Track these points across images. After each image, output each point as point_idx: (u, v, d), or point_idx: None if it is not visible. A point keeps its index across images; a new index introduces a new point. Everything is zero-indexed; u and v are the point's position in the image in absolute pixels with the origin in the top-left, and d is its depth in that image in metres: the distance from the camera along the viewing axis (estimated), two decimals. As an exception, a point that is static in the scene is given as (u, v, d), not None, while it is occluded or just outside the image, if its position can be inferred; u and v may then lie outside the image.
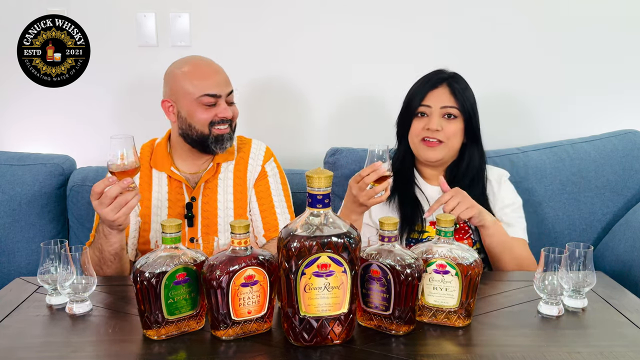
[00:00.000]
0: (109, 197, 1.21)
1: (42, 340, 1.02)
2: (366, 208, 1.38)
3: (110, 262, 1.34)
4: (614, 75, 2.06)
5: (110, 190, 1.21)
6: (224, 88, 1.49)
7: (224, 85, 1.50)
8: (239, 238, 0.98)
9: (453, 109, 1.44)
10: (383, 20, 1.99)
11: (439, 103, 1.45)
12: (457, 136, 1.46)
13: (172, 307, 0.99)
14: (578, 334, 1.04)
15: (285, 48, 2.01)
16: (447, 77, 1.48)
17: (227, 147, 1.52)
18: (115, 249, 1.33)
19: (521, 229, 1.52)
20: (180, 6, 1.96)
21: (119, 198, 1.21)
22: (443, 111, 1.45)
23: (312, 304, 0.95)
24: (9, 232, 1.77)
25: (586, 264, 1.12)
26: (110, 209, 1.22)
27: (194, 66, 1.50)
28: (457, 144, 1.48)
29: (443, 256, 1.04)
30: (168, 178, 1.54)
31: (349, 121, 2.07)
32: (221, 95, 1.48)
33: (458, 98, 1.44)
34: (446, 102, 1.44)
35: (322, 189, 0.92)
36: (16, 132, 2.04)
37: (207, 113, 1.47)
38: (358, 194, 1.33)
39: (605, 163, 1.87)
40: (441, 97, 1.45)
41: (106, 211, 1.22)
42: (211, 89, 1.46)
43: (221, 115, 1.47)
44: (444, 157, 1.49)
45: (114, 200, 1.21)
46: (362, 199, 1.33)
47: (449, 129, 1.44)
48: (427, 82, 1.49)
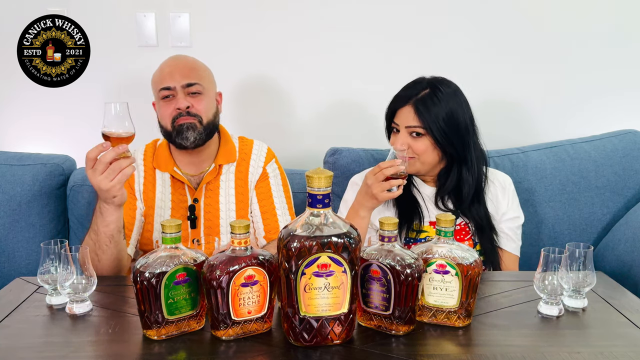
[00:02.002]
0: (103, 163, 1.18)
1: (42, 340, 1.02)
2: (377, 203, 1.38)
3: (106, 247, 1.30)
4: (614, 76, 2.06)
5: (105, 155, 1.18)
6: (179, 79, 1.46)
7: (180, 76, 1.46)
8: (239, 238, 0.98)
9: (417, 128, 1.44)
10: (383, 20, 1.99)
11: (405, 123, 1.45)
12: (427, 152, 1.45)
13: (172, 307, 0.99)
14: (578, 334, 1.04)
15: (285, 48, 2.01)
16: (414, 94, 1.45)
17: (191, 139, 1.46)
18: (111, 230, 1.29)
19: (519, 246, 1.55)
20: (180, 6, 1.96)
21: (114, 164, 1.18)
22: (408, 130, 1.45)
23: (312, 304, 0.95)
24: (9, 232, 1.77)
25: (586, 264, 1.11)
26: (104, 176, 1.19)
27: (160, 65, 1.52)
28: (431, 158, 1.47)
29: (443, 256, 1.04)
30: (171, 178, 1.54)
31: (349, 121, 2.07)
32: (174, 86, 1.46)
33: (422, 118, 1.42)
34: (410, 122, 1.44)
35: (322, 189, 0.92)
36: (16, 132, 2.04)
37: (167, 107, 1.47)
38: (373, 184, 1.34)
39: (605, 163, 1.87)
40: (407, 116, 1.45)
41: (100, 179, 1.19)
42: (164, 82, 1.47)
43: (177, 106, 1.45)
44: (420, 171, 1.50)
45: (108, 166, 1.18)
46: (376, 189, 1.34)
47: (416, 147, 1.45)
48: (396, 101, 1.49)
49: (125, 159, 1.19)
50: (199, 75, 1.49)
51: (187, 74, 1.47)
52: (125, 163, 1.19)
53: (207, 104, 1.49)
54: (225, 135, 1.60)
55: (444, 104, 1.43)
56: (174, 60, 1.53)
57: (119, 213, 1.30)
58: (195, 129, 1.46)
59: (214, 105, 1.53)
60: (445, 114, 1.43)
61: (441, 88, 1.45)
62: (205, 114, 1.48)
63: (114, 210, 1.27)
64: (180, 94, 1.46)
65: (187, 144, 1.46)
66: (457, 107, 1.45)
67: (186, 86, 1.46)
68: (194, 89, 1.47)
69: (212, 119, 1.51)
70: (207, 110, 1.49)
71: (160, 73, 1.50)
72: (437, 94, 1.44)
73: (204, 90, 1.49)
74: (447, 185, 1.49)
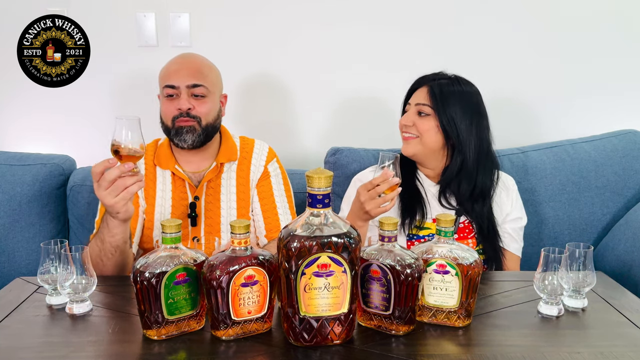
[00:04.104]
0: (107, 180, 1.17)
1: (42, 340, 1.02)
2: (371, 218, 1.37)
3: (111, 255, 1.31)
4: (613, 76, 2.06)
5: (110, 172, 1.17)
6: (185, 79, 1.46)
7: (185, 76, 1.47)
8: (239, 238, 0.98)
9: (425, 107, 1.47)
10: (384, 20, 1.99)
11: (416, 100, 1.50)
12: (430, 133, 1.46)
13: (172, 307, 0.99)
14: (578, 334, 1.04)
15: (285, 48, 2.01)
16: (435, 78, 1.50)
17: (189, 141, 1.47)
18: (116, 240, 1.29)
19: (521, 247, 1.56)
20: (180, 6, 1.96)
21: (118, 181, 1.17)
22: (417, 108, 1.49)
23: (312, 304, 0.95)
24: (9, 232, 1.77)
25: (586, 264, 1.12)
26: (107, 192, 1.18)
27: (169, 61, 1.53)
28: (433, 142, 1.47)
29: (443, 256, 1.04)
30: (172, 176, 1.54)
31: (349, 121, 2.07)
32: (179, 86, 1.46)
33: (433, 98, 1.46)
34: (421, 99, 1.48)
35: (322, 189, 0.92)
36: (16, 132, 2.04)
37: (169, 105, 1.48)
38: (366, 201, 1.32)
39: (605, 163, 1.87)
40: (420, 95, 1.49)
41: (104, 194, 1.18)
42: (169, 80, 1.47)
43: (178, 107, 1.46)
44: (418, 153, 1.50)
45: (112, 183, 1.17)
46: (369, 206, 1.32)
47: (421, 125, 1.47)
48: (416, 82, 1.54)
49: (131, 177, 1.18)
50: (204, 77, 1.49)
51: (193, 75, 1.48)
52: (130, 181, 1.18)
53: (209, 106, 1.50)
54: (226, 134, 1.61)
55: (458, 95, 1.47)
56: (182, 58, 1.53)
57: (125, 226, 1.29)
58: (194, 131, 1.47)
59: (216, 107, 1.53)
60: (459, 103, 1.46)
61: (461, 83, 1.50)
62: (205, 117, 1.49)
63: (119, 224, 1.27)
64: (184, 94, 1.46)
65: (184, 146, 1.48)
66: (471, 103, 1.48)
67: (191, 87, 1.47)
68: (198, 91, 1.48)
69: (212, 121, 1.51)
70: (208, 113, 1.49)
71: (167, 70, 1.50)
72: (455, 85, 1.48)
73: (208, 92, 1.49)
74: (447, 177, 1.49)
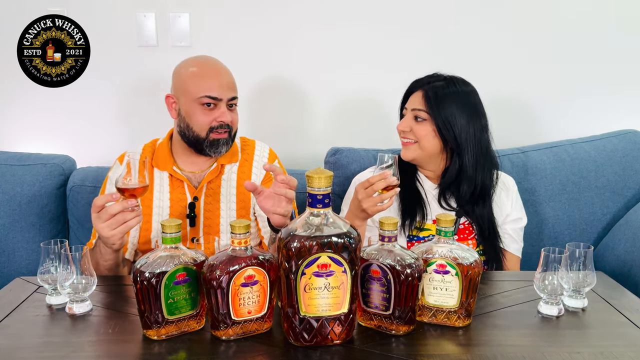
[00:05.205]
0: (108, 214, 1.20)
1: (42, 340, 1.02)
2: (369, 216, 1.37)
3: (104, 272, 1.35)
4: (613, 76, 2.06)
5: (112, 207, 1.19)
6: (226, 92, 1.47)
7: (227, 89, 1.47)
8: (239, 238, 0.98)
9: (421, 112, 1.46)
10: (384, 20, 1.99)
11: (412, 105, 1.49)
12: (427, 138, 1.46)
13: (172, 307, 0.99)
14: (578, 334, 1.04)
15: (285, 48, 2.01)
16: (429, 82, 1.49)
17: (223, 152, 1.50)
18: (109, 264, 1.33)
19: (521, 247, 1.56)
20: (180, 6, 1.96)
21: (118, 216, 1.20)
22: (413, 113, 1.48)
23: (312, 304, 0.95)
24: (9, 232, 1.77)
25: (586, 264, 1.12)
26: (106, 225, 1.20)
27: (200, 67, 1.49)
28: (431, 146, 1.47)
29: (443, 256, 1.04)
30: (169, 177, 1.54)
31: (349, 121, 2.07)
32: (222, 99, 1.46)
33: (428, 103, 1.45)
34: (417, 105, 1.47)
35: (322, 189, 0.92)
36: (16, 132, 2.04)
37: (206, 116, 1.46)
38: (364, 199, 1.33)
39: (605, 163, 1.87)
40: (415, 100, 1.49)
41: (102, 226, 1.21)
42: (211, 91, 1.45)
43: (219, 119, 1.46)
44: (417, 157, 1.50)
45: (112, 217, 1.20)
46: (366, 204, 1.33)
47: (418, 131, 1.47)
48: (411, 86, 1.54)
49: (131, 212, 1.20)
50: (236, 87, 1.52)
51: (232, 87, 1.50)
52: (130, 216, 1.20)
53: (237, 116, 1.54)
54: None
55: (454, 96, 1.46)
56: (215, 68, 1.50)
57: (118, 254, 1.34)
58: (227, 143, 1.50)
59: None
60: (454, 104, 1.45)
61: (456, 84, 1.49)
62: (235, 126, 1.53)
63: (112, 252, 1.31)
64: (224, 106, 1.47)
65: (215, 155, 1.51)
66: (468, 104, 1.47)
67: (230, 99, 1.49)
68: (234, 102, 1.51)
69: (237, 130, 1.55)
70: (237, 122, 1.54)
71: (203, 78, 1.46)
72: (450, 86, 1.47)
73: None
74: (446, 179, 1.49)
